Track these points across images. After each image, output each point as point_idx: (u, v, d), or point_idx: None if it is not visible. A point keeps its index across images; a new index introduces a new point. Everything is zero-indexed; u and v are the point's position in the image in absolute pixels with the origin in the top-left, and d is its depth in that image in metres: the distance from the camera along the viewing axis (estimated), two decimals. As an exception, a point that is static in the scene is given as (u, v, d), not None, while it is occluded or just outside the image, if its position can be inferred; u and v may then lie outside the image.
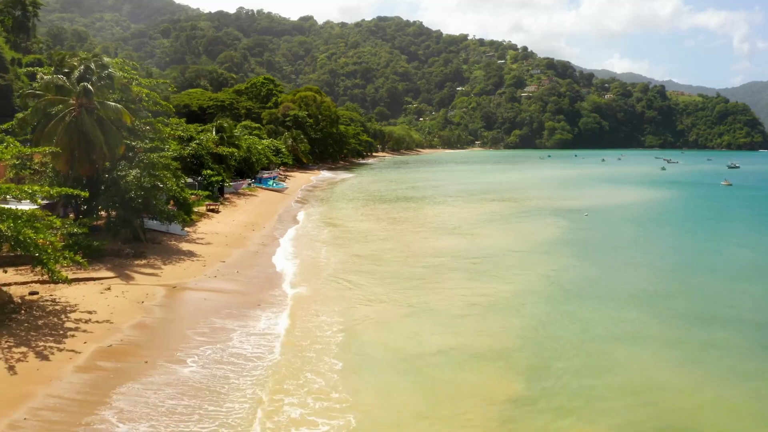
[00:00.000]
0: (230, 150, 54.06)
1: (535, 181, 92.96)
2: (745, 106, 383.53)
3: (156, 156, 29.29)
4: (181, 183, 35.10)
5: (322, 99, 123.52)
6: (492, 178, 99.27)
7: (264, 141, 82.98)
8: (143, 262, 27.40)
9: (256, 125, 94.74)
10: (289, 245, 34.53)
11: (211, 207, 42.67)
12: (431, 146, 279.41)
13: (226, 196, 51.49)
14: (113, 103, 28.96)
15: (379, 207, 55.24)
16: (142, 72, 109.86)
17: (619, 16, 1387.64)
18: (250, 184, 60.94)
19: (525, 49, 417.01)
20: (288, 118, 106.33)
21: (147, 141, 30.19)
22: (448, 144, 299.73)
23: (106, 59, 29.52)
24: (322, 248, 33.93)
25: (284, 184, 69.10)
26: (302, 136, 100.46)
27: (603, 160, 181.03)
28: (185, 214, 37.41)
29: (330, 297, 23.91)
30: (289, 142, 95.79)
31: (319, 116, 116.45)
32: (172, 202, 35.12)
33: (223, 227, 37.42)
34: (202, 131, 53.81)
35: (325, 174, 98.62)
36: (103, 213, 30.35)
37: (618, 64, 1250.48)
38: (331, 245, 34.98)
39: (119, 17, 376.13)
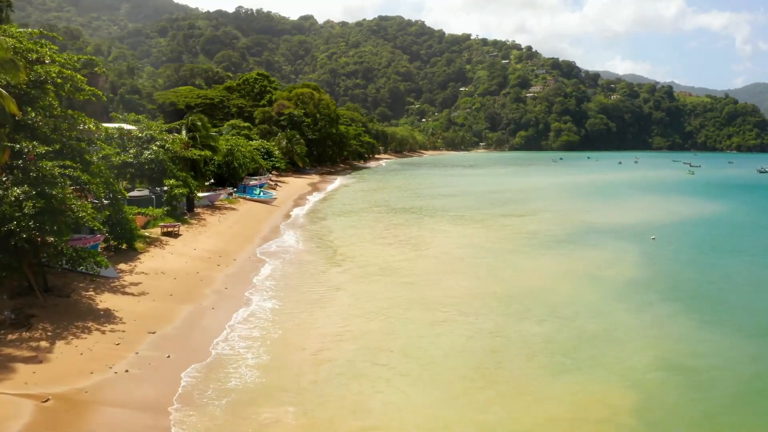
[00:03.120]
0: (203, 153, 43.84)
1: (560, 189, 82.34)
2: (755, 107, 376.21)
3: (53, 165, 18.90)
4: (106, 200, 24.91)
5: (321, 96, 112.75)
6: (509, 184, 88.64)
7: (253, 142, 72.86)
8: (25, 336, 17.11)
9: (246, 124, 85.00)
10: (268, 297, 23.58)
11: (169, 229, 32.22)
12: (434, 148, 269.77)
13: (197, 210, 41.17)
14: (-14, 85, 18.76)
15: (389, 226, 44.49)
16: (129, 68, 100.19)
17: (622, 17, 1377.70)
18: (231, 194, 50.57)
19: (529, 48, 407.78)
20: (283, 117, 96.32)
21: (39, 143, 19.70)
22: (452, 145, 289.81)
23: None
24: (314, 304, 22.99)
25: (273, 193, 58.61)
26: (298, 137, 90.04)
27: (620, 162, 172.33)
28: (126, 242, 27.38)
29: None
30: (284, 143, 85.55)
31: (318, 115, 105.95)
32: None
33: (176, 261, 26.99)
34: (167, 130, 43.54)
35: (323, 179, 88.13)
36: None
37: (620, 65, 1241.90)
38: (327, 297, 24.23)
39: (117, 16, 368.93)
